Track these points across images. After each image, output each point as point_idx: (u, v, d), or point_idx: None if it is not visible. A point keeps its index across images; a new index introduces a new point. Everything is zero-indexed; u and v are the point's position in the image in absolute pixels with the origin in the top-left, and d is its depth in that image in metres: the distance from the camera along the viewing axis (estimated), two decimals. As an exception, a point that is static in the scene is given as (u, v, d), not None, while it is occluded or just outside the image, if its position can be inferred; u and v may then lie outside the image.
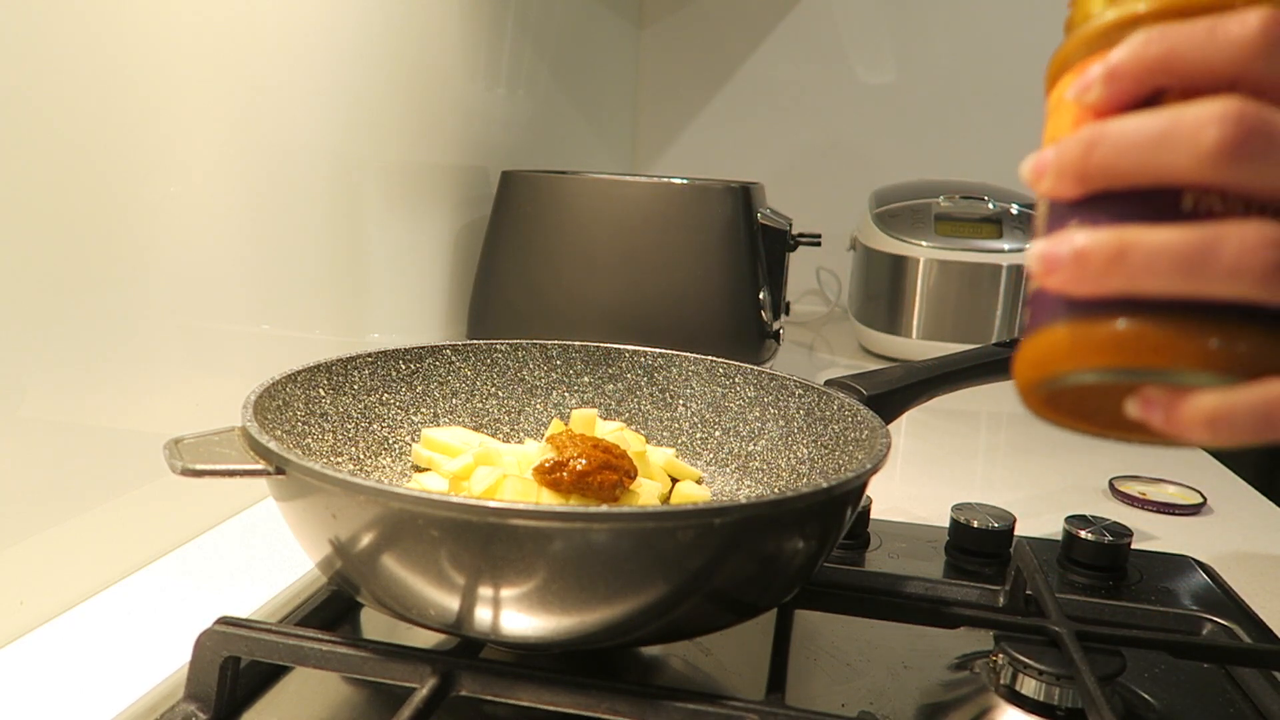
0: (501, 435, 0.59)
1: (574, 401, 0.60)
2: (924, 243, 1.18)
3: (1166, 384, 0.26)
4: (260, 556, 0.57)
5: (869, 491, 0.53)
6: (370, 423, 0.54)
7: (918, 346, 1.20)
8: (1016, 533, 0.59)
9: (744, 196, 0.90)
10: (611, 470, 0.46)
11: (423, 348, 0.57)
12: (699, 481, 0.56)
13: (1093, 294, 0.25)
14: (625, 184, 0.90)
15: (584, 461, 0.45)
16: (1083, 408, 0.28)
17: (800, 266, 1.59)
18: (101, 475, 0.51)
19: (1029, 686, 0.43)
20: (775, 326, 0.97)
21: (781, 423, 0.55)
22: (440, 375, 0.58)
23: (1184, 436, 0.26)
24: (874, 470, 0.40)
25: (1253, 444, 0.25)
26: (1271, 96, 0.24)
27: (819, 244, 1.07)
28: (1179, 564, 0.59)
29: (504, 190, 0.94)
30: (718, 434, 0.57)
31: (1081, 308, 0.26)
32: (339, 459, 0.51)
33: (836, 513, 0.40)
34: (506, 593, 0.34)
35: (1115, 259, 0.24)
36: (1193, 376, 0.25)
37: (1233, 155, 0.23)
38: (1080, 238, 0.25)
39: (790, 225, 1.00)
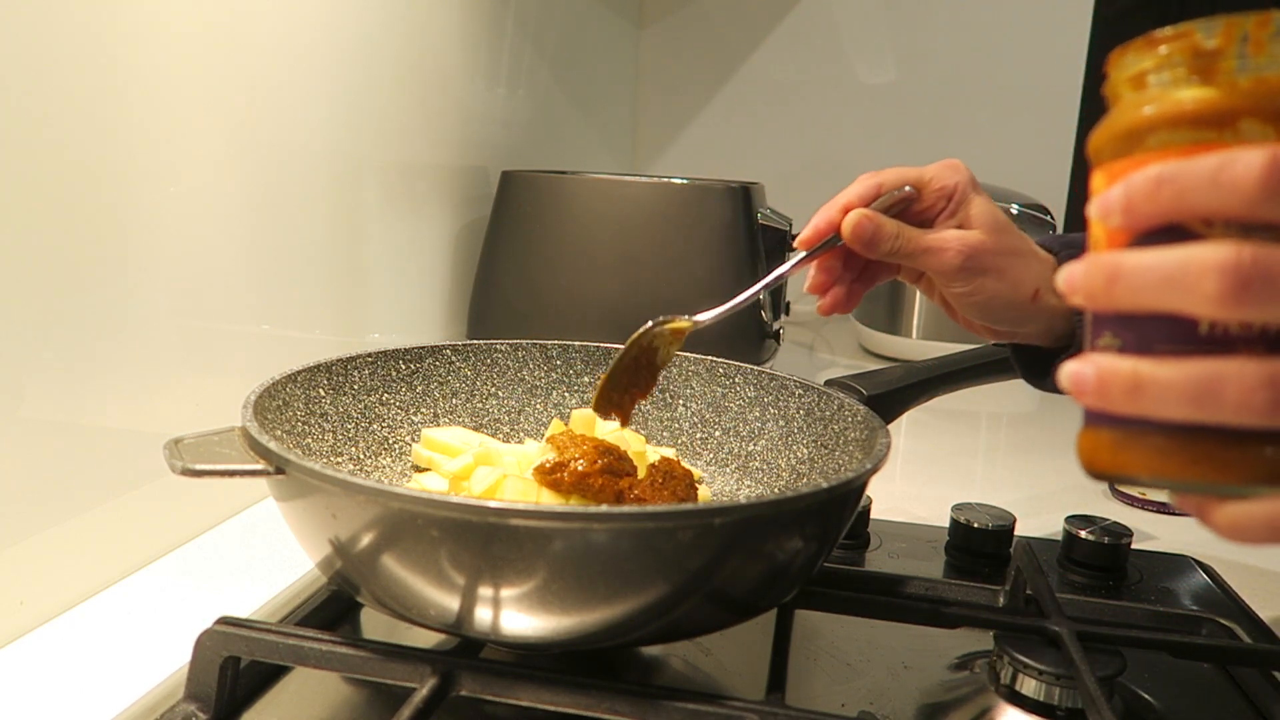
0: (501, 435, 0.59)
1: (574, 401, 0.60)
2: (924, 243, 1.18)
3: (1205, 495, 0.28)
4: (260, 556, 0.57)
5: (869, 491, 0.53)
6: (370, 423, 0.54)
7: (918, 346, 1.20)
8: (1016, 533, 0.59)
9: (744, 196, 0.90)
10: (613, 475, 0.46)
11: (423, 348, 0.57)
12: (699, 481, 0.55)
13: (1118, 413, 0.28)
14: (625, 184, 0.90)
15: (584, 462, 0.45)
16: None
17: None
18: (101, 475, 0.51)
19: (1029, 686, 0.43)
20: (775, 326, 0.97)
21: (781, 423, 0.55)
22: (440, 375, 0.58)
23: (1221, 536, 0.28)
24: (874, 470, 0.40)
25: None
26: (1274, 228, 0.25)
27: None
28: (1179, 564, 0.59)
29: (504, 190, 0.94)
30: (718, 434, 0.57)
31: (1117, 421, 0.28)
32: (339, 459, 0.51)
33: (836, 513, 0.40)
34: (506, 593, 0.34)
35: (1132, 390, 0.27)
36: (1215, 489, 0.28)
37: (1235, 300, 0.25)
38: (1102, 366, 0.28)
39: (790, 225, 1.00)
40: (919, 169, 0.52)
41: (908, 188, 0.50)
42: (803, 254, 0.52)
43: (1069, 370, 0.29)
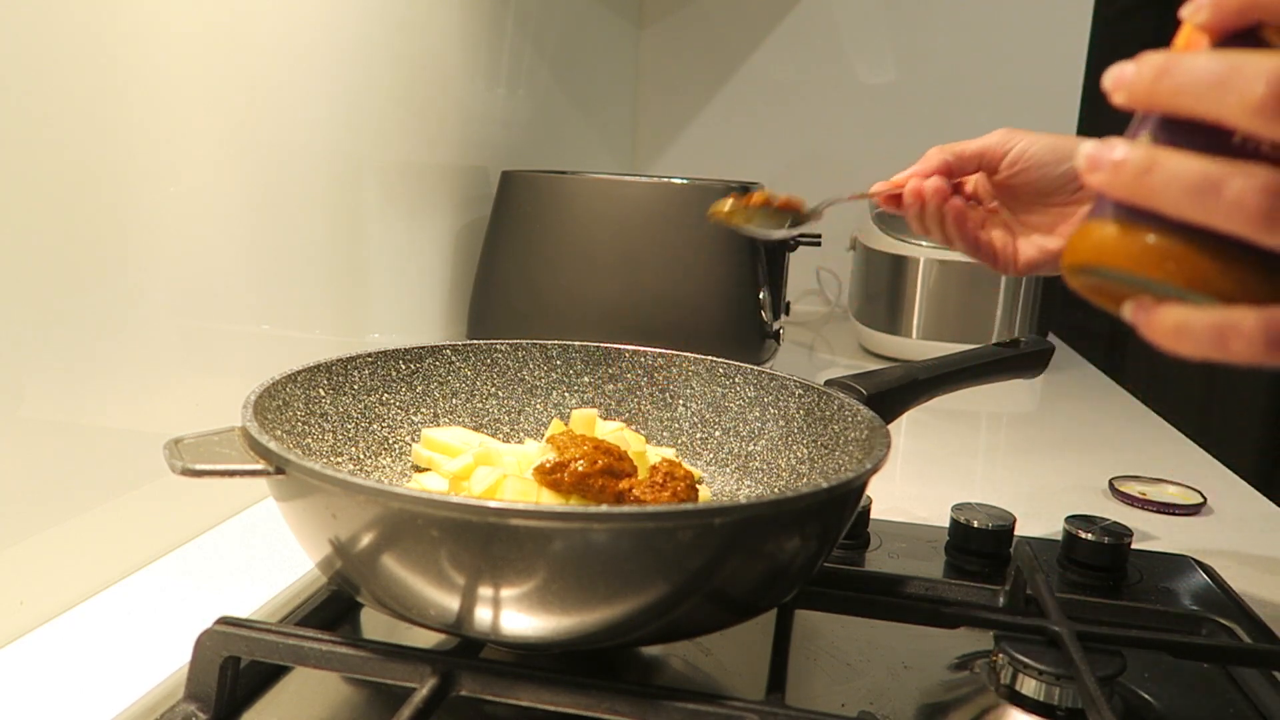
0: (501, 435, 0.59)
1: (574, 401, 0.60)
2: (924, 243, 1.18)
3: (1159, 295, 0.29)
4: (260, 556, 0.57)
5: (869, 491, 0.53)
6: (370, 423, 0.54)
7: (918, 346, 1.20)
8: (1016, 533, 0.59)
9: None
10: (613, 476, 0.46)
11: (423, 348, 0.57)
12: (699, 481, 0.55)
13: (1121, 199, 0.28)
14: (625, 184, 0.90)
15: (584, 463, 0.45)
16: (1104, 292, 0.32)
17: (800, 266, 1.59)
18: (101, 475, 0.51)
19: (1029, 686, 0.43)
20: (775, 326, 0.97)
21: (781, 423, 0.55)
22: (440, 375, 0.58)
23: (1158, 342, 0.29)
24: (874, 470, 0.40)
25: (1217, 361, 0.29)
26: None
27: (819, 244, 1.07)
28: (1179, 564, 0.59)
29: (504, 190, 0.94)
30: (718, 434, 0.57)
31: (1119, 212, 0.29)
32: (339, 459, 0.51)
33: (836, 513, 0.40)
34: (506, 593, 0.34)
35: (1142, 173, 0.27)
36: (1180, 293, 0.28)
37: (1275, 111, 0.25)
38: (1120, 150, 0.28)
39: (790, 225, 1.00)
40: (976, 143, 0.57)
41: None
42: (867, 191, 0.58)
43: (1088, 148, 0.29)
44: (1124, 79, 0.28)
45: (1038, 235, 0.55)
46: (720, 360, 0.58)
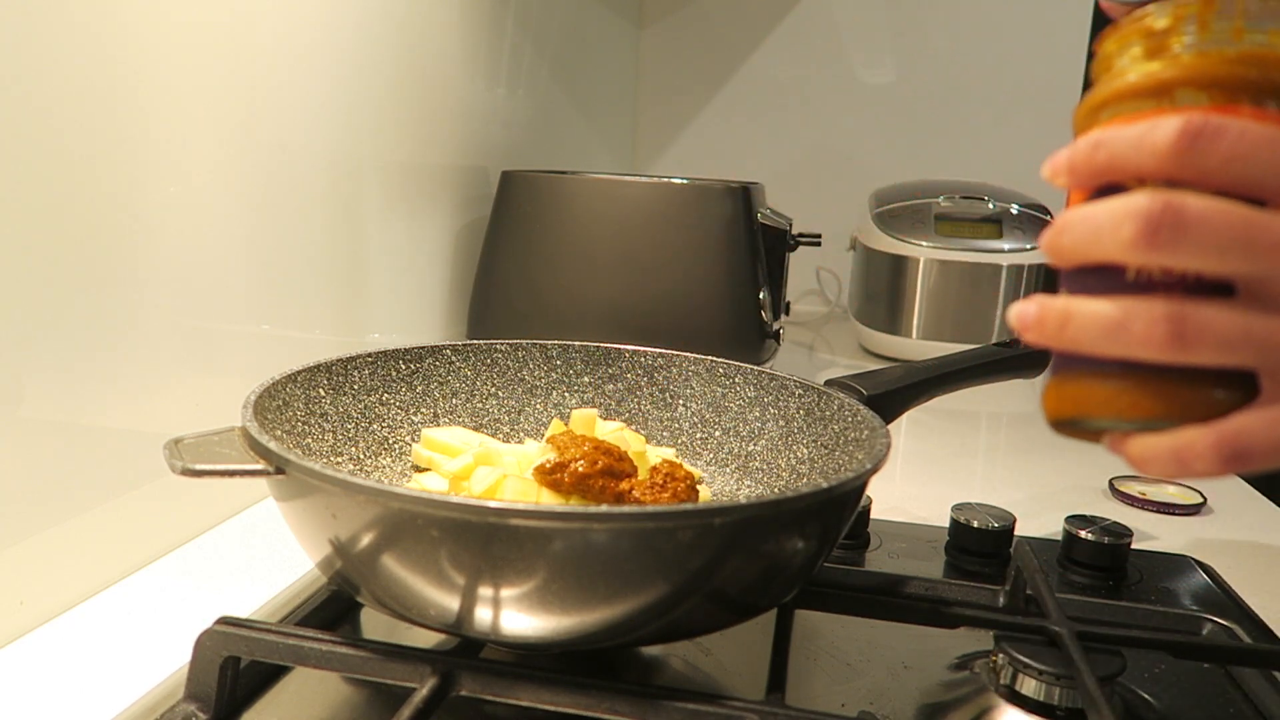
0: (501, 435, 0.59)
1: (574, 401, 0.60)
2: (924, 243, 1.18)
3: (1123, 431, 0.32)
4: (260, 556, 0.57)
5: (869, 491, 0.53)
6: (370, 423, 0.54)
7: (918, 346, 1.20)
8: (1016, 533, 0.59)
9: (744, 196, 0.90)
10: (613, 477, 0.46)
11: (423, 348, 0.57)
12: (699, 481, 0.55)
13: (1055, 349, 0.31)
14: (625, 184, 0.90)
15: (584, 463, 0.45)
16: (1089, 434, 0.34)
17: (800, 266, 1.59)
18: (101, 475, 0.51)
19: (1029, 686, 0.43)
20: (775, 326, 0.97)
21: (781, 423, 0.55)
22: (440, 375, 0.58)
23: (1139, 471, 0.32)
24: (874, 470, 0.40)
25: (1187, 478, 0.33)
26: (1195, 185, 0.28)
27: (819, 244, 1.07)
28: (1179, 564, 0.59)
29: (504, 190, 0.94)
30: (718, 434, 0.57)
31: (1059, 365, 0.32)
32: (339, 459, 0.51)
33: (836, 513, 0.40)
34: (506, 593, 0.34)
35: (1062, 324, 0.30)
36: (1132, 425, 0.31)
37: (1149, 243, 0.28)
38: (1041, 303, 0.31)
39: (790, 225, 1.00)
40: None
41: None
42: None
43: (1016, 309, 0.32)
44: (1043, 240, 0.31)
45: None
46: (720, 360, 0.58)
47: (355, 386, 0.53)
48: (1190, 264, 0.28)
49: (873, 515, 0.61)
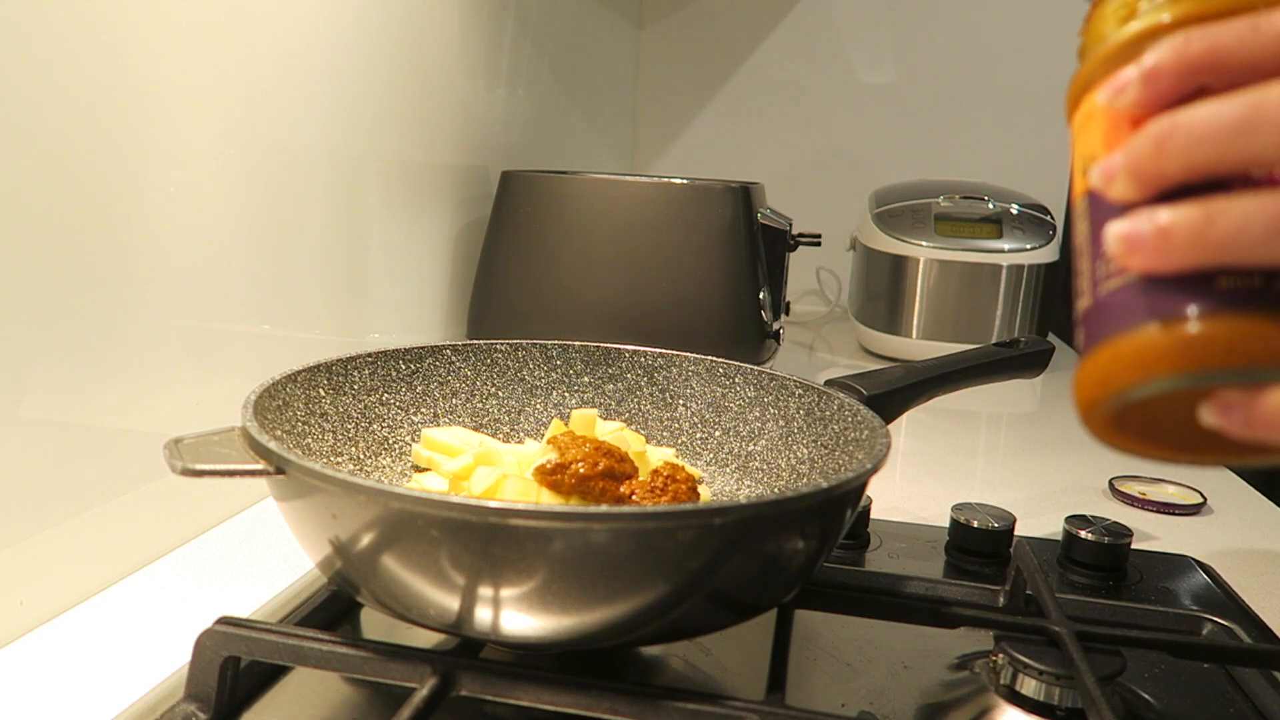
0: (501, 435, 0.59)
1: (574, 401, 0.60)
2: (924, 243, 1.18)
3: (1244, 384, 0.24)
4: (260, 556, 0.57)
5: (869, 491, 0.53)
6: (370, 423, 0.54)
7: (918, 346, 1.20)
8: (1016, 533, 0.59)
9: (744, 196, 0.90)
10: (614, 478, 0.46)
11: (423, 348, 0.57)
12: (699, 482, 0.55)
13: (1180, 269, 0.24)
14: (625, 184, 0.90)
15: (585, 465, 0.45)
16: (1151, 427, 0.27)
17: (800, 266, 1.59)
18: (101, 475, 0.51)
19: (1029, 686, 0.43)
20: (775, 326, 0.97)
21: (781, 423, 0.55)
22: (440, 375, 0.58)
23: (1266, 439, 0.24)
24: (874, 470, 0.40)
25: None
26: None
27: (819, 244, 1.07)
28: (1179, 564, 0.59)
29: (504, 190, 0.94)
30: (718, 434, 0.57)
31: (1149, 312, 0.24)
32: (339, 459, 0.51)
33: (836, 513, 0.40)
34: (506, 593, 0.34)
35: (1203, 229, 0.23)
36: (1265, 372, 0.23)
37: None
38: (1164, 214, 0.24)
39: (790, 225, 1.00)
40: None
41: None
42: None
43: (1119, 229, 0.25)
44: (1115, 167, 0.25)
45: None
46: (720, 360, 0.58)
47: (355, 386, 0.53)
48: None
49: (873, 515, 0.61)
